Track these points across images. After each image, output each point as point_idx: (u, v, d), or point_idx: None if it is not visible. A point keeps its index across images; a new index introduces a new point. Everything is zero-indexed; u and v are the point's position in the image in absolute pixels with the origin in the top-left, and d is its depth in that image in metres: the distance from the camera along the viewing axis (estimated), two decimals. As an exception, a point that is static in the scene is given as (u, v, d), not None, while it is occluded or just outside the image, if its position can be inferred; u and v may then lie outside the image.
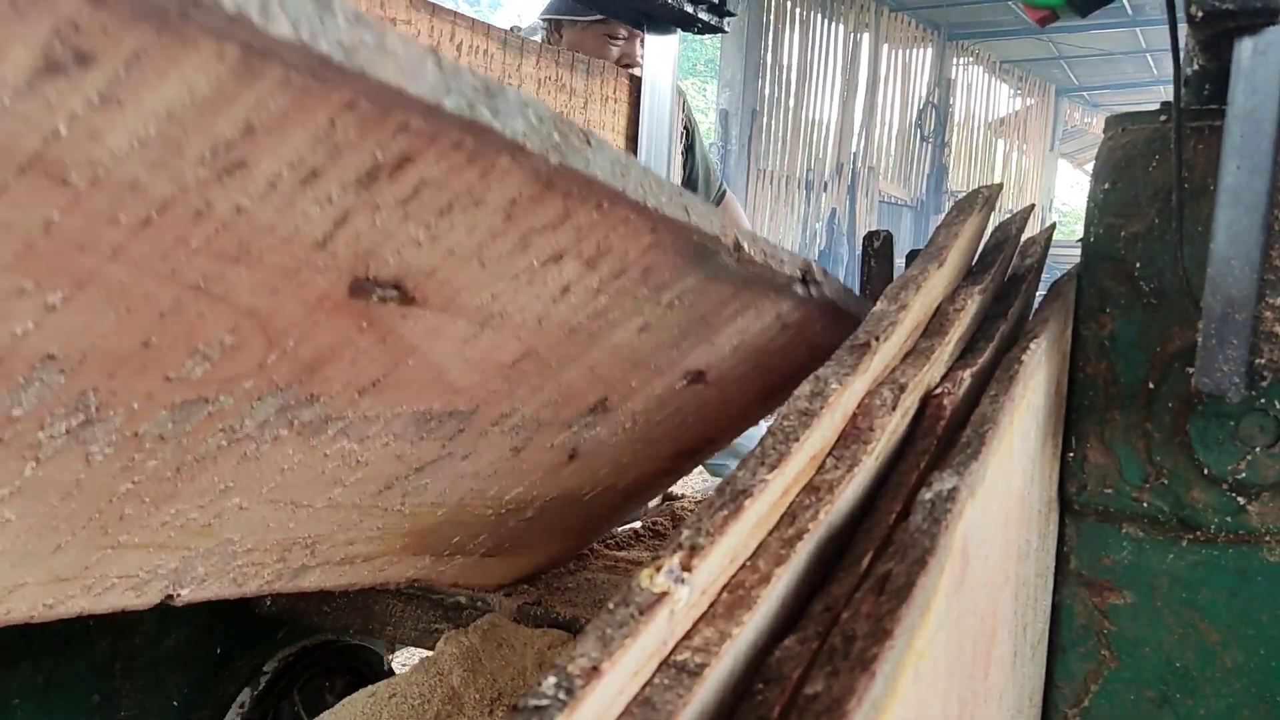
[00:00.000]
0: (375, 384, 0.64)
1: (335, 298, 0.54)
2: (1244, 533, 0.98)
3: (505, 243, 0.56)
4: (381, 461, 0.75)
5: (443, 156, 0.47)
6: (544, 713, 0.38)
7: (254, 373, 0.57)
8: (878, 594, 0.55)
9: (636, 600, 0.46)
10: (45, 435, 0.53)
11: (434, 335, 0.62)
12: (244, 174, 0.43)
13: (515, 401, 0.76)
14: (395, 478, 0.79)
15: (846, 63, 10.55)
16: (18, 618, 0.70)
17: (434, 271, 0.56)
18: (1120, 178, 1.02)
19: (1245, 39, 0.83)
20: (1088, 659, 1.06)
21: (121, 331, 0.48)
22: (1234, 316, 0.83)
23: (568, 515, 1.04)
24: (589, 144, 0.53)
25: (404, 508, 0.85)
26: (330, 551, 0.87)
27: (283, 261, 0.49)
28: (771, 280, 0.77)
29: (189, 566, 0.76)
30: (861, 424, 0.68)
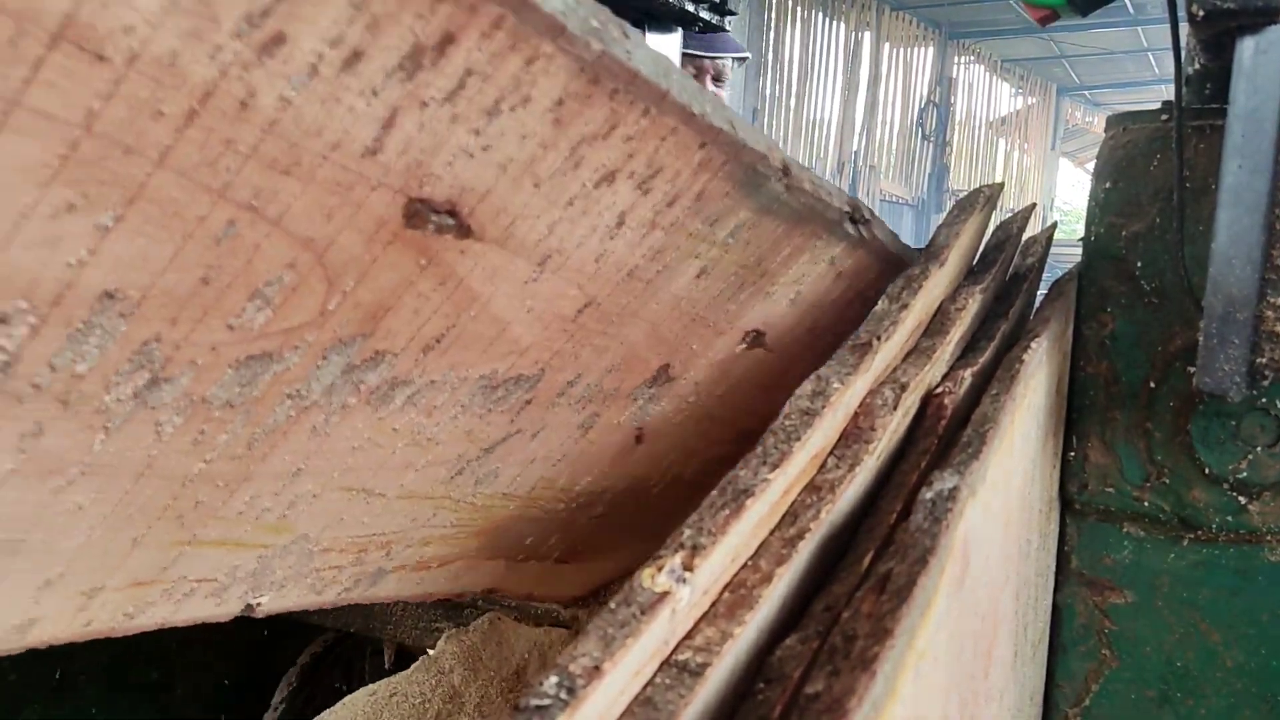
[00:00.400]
0: (439, 339, 0.63)
1: (392, 225, 0.53)
2: (1245, 532, 0.98)
3: (556, 156, 0.55)
4: (451, 439, 0.74)
5: (485, 38, 0.46)
6: (546, 712, 0.38)
7: (316, 321, 0.56)
8: (878, 593, 0.55)
9: (638, 600, 0.46)
10: (112, 399, 0.52)
11: (494, 278, 0.61)
12: (284, 53, 0.41)
13: (580, 366, 0.75)
14: (465, 460, 0.78)
15: (847, 61, 10.55)
16: (99, 629, 0.68)
17: (488, 193, 0.55)
18: (1121, 177, 1.02)
19: (1246, 38, 0.83)
20: (1088, 658, 1.06)
21: (179, 264, 0.47)
22: (1235, 315, 0.83)
23: (637, 513, 1.03)
24: (626, 35, 0.52)
25: (475, 498, 0.84)
26: (406, 553, 0.86)
27: (334, 175, 0.48)
28: (823, 215, 0.75)
29: (267, 568, 0.75)
30: (863, 423, 0.68)
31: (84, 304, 0.46)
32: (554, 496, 0.92)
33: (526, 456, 0.83)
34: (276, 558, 0.75)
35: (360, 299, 0.56)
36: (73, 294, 0.45)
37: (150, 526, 0.63)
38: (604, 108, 0.54)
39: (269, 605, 0.78)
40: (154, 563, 0.67)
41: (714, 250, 0.71)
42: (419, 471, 0.76)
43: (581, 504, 0.95)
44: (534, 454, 0.83)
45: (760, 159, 0.65)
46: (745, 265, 0.76)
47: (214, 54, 0.40)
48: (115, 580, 0.66)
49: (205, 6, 0.38)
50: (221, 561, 0.71)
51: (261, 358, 0.56)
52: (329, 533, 0.76)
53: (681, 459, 0.98)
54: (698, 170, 0.62)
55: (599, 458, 0.89)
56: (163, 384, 0.53)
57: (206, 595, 0.73)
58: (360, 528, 0.78)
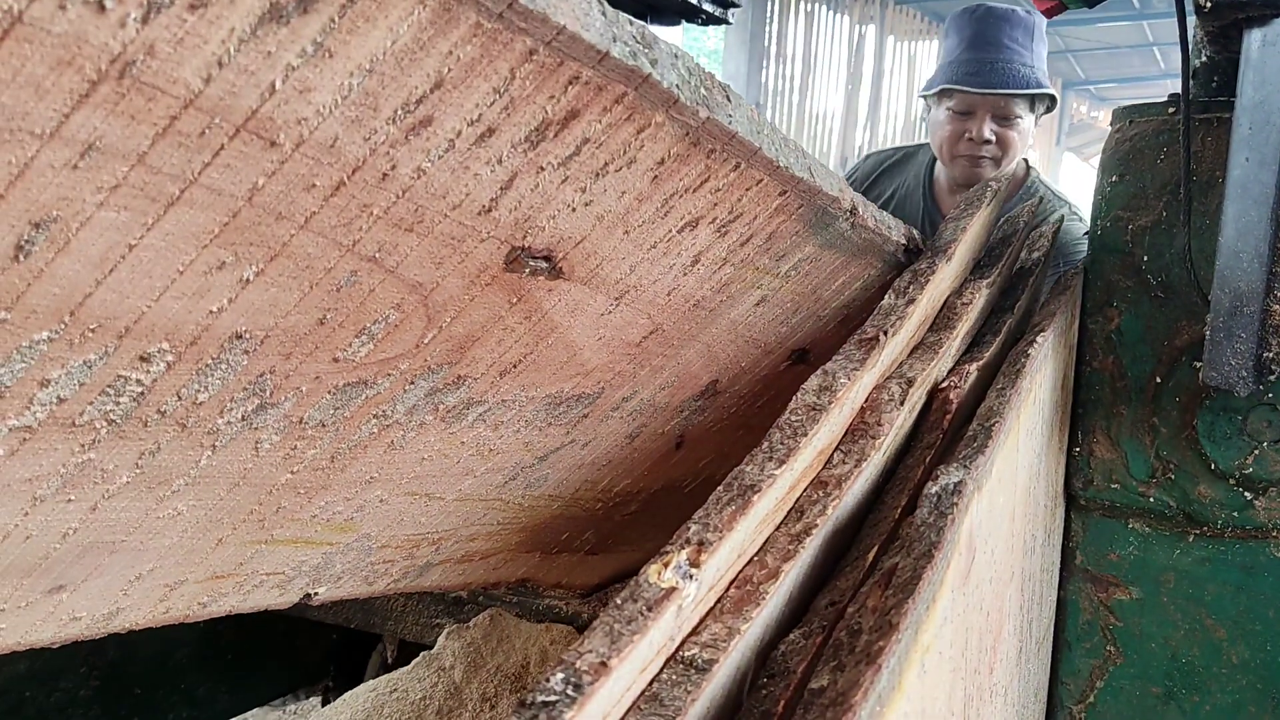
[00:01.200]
0: (517, 365, 0.67)
1: (492, 270, 0.56)
2: (1251, 528, 0.98)
3: (649, 207, 0.58)
4: (511, 449, 0.78)
5: (606, 111, 0.50)
6: (552, 709, 0.38)
7: (411, 353, 0.60)
8: (883, 588, 0.55)
9: (645, 596, 0.46)
10: (224, 421, 0.56)
11: (574, 311, 0.65)
12: (428, 132, 0.45)
13: (637, 384, 0.79)
14: (520, 467, 0.82)
15: (851, 55, 10.51)
16: (175, 616, 0.73)
17: (583, 240, 0.58)
18: (1128, 170, 1.02)
19: (1254, 30, 0.82)
20: (1093, 655, 1.05)
21: (303, 308, 0.51)
22: (1242, 310, 0.82)
23: (669, 509, 1.06)
24: (729, 99, 0.55)
25: (523, 500, 0.88)
26: (453, 548, 0.90)
27: (451, 230, 0.52)
28: (881, 248, 0.80)
29: (329, 563, 0.80)
30: (869, 418, 0.68)
31: (215, 343, 0.50)
32: (594, 497, 0.96)
33: (575, 463, 0.87)
34: (339, 554, 0.79)
35: (453, 332, 0.60)
36: (208, 336, 0.50)
37: (235, 529, 0.68)
38: (699, 164, 0.57)
39: (324, 595, 0.83)
40: (232, 559, 0.71)
41: (775, 281, 0.75)
42: (477, 478, 0.80)
43: (618, 503, 0.99)
44: (582, 460, 0.87)
45: (832, 202, 0.69)
46: (801, 293, 0.79)
47: (369, 136, 0.44)
48: (196, 574, 0.70)
49: (370, 98, 0.42)
50: (290, 557, 0.76)
51: (357, 385, 0.60)
52: (388, 532, 0.80)
53: (716, 461, 1.02)
54: (774, 214, 0.66)
55: (641, 462, 0.93)
56: (268, 409, 0.57)
57: (272, 587, 0.78)
58: (417, 527, 0.83)
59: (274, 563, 0.75)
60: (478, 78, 0.44)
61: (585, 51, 0.45)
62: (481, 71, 0.43)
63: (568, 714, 0.38)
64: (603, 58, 0.45)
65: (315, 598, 0.82)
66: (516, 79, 0.44)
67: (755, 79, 9.37)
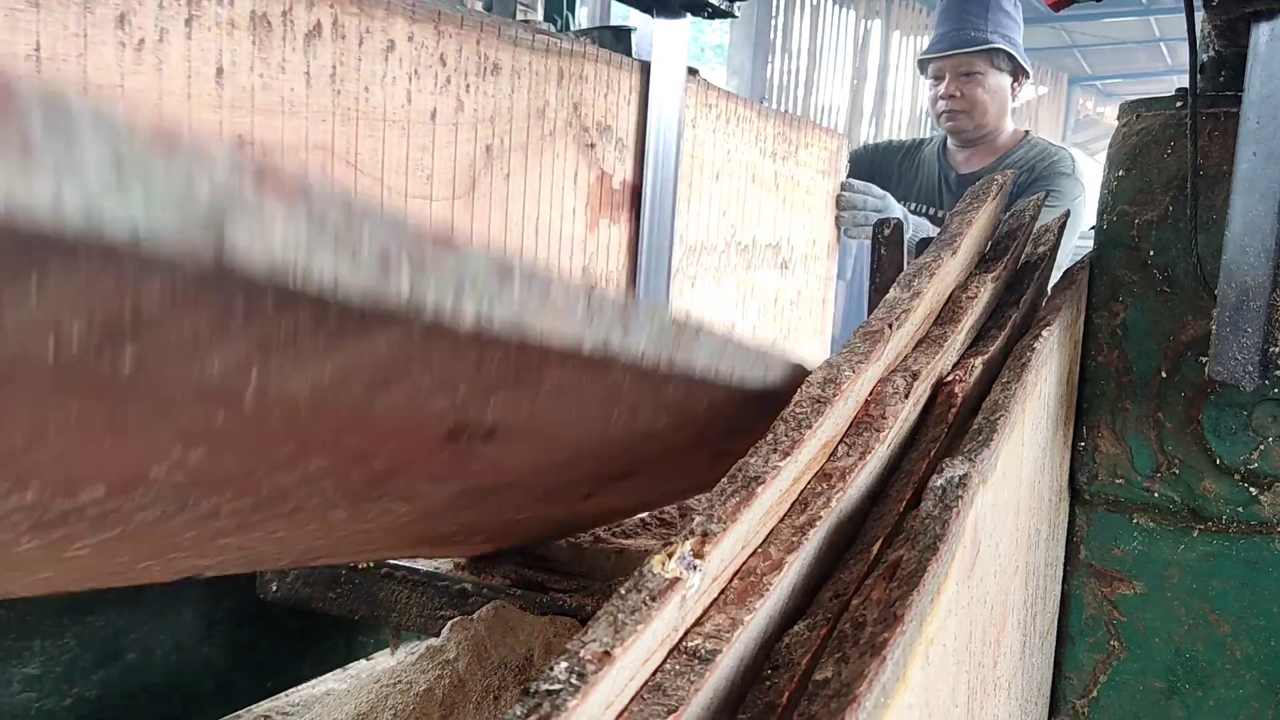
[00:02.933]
0: (439, 479, 0.67)
1: (431, 443, 0.56)
2: (1256, 523, 0.97)
3: (598, 389, 0.57)
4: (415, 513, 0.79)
5: (569, 371, 0.49)
6: (556, 697, 0.38)
7: (338, 483, 0.60)
8: (888, 580, 0.55)
9: (649, 586, 0.46)
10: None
11: (508, 454, 0.64)
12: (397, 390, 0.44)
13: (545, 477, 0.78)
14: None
15: (856, 50, 10.49)
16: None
17: (529, 420, 0.58)
18: (1134, 164, 1.02)
19: (1262, 24, 0.82)
20: (1097, 649, 1.05)
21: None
22: (1248, 304, 0.82)
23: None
24: (698, 336, 0.54)
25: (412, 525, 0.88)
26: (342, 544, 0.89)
27: (404, 440, 0.53)
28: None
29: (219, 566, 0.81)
30: (874, 411, 0.68)
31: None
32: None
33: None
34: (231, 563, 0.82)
35: (377, 468, 0.61)
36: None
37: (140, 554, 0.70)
38: (655, 380, 0.56)
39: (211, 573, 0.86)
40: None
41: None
42: (375, 529, 0.81)
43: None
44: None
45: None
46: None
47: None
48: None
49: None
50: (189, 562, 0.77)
51: (280, 498, 0.62)
52: (283, 548, 0.81)
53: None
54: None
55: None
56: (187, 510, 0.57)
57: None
58: (308, 544, 0.83)
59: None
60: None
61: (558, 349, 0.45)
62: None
63: (571, 702, 0.38)
64: (574, 349, 0.45)
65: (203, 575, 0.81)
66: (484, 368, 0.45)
67: (760, 73, 9.35)
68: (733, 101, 1.86)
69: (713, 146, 1.81)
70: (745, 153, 1.91)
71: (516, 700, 0.39)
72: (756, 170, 1.96)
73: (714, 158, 1.82)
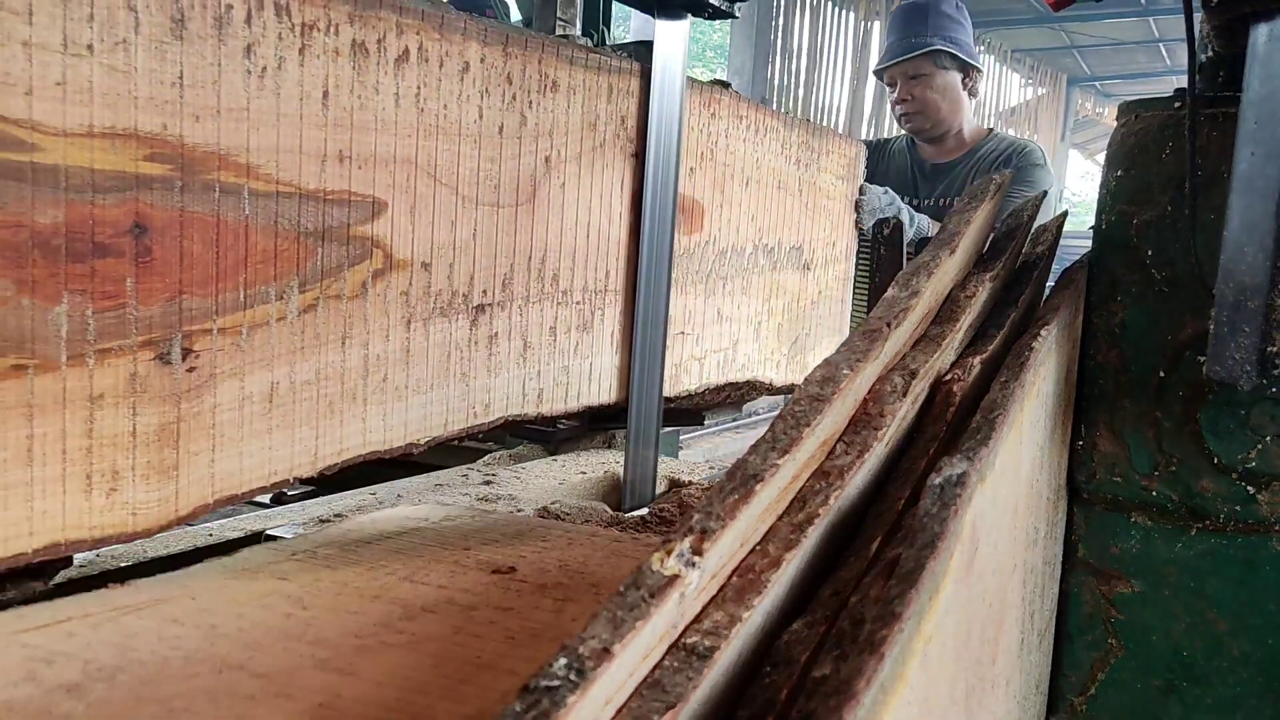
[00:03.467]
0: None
1: None
2: (1253, 522, 0.98)
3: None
4: None
5: None
6: (555, 693, 0.38)
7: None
8: (886, 578, 0.55)
9: (647, 583, 0.46)
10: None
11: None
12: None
13: None
14: None
15: (857, 50, 10.49)
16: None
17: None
18: (1133, 164, 1.02)
19: (1261, 25, 0.82)
20: (1095, 647, 1.06)
21: None
22: (1247, 304, 0.83)
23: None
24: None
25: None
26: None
27: None
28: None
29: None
30: (872, 410, 0.68)
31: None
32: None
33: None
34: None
35: None
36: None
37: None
38: None
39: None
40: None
41: None
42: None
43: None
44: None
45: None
46: None
47: None
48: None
49: None
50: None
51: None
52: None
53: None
54: None
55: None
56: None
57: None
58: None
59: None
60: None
61: None
62: None
63: (570, 698, 0.38)
64: None
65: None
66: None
67: (761, 74, 9.35)
68: (762, 113, 1.97)
69: (743, 155, 1.92)
70: (773, 160, 2.02)
71: (516, 696, 0.39)
72: (782, 177, 2.07)
73: (745, 166, 1.93)
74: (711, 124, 1.80)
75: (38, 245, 0.83)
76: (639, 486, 1.63)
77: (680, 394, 1.86)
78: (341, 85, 1.07)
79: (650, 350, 1.62)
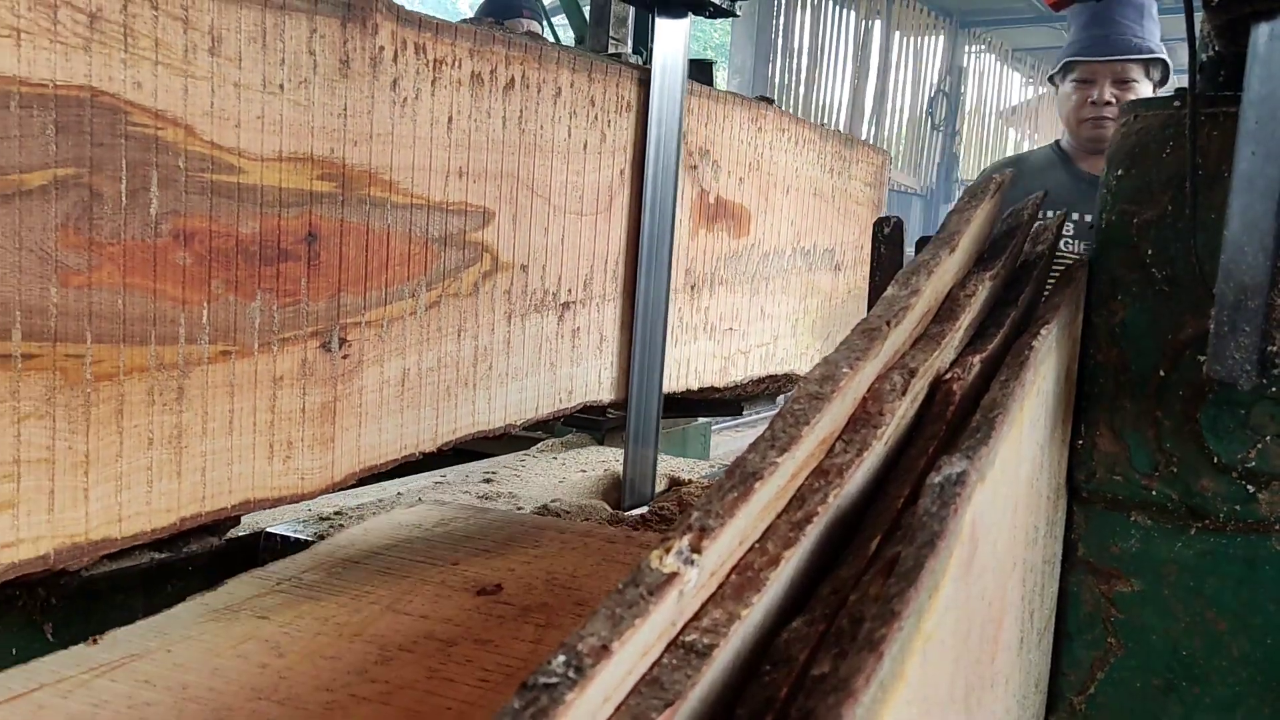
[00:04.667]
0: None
1: None
2: (1253, 521, 0.98)
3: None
4: None
5: None
6: (553, 690, 0.38)
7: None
8: (886, 576, 0.55)
9: (646, 581, 0.46)
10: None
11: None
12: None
13: None
14: None
15: (857, 49, 10.49)
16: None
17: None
18: (1134, 164, 1.02)
19: (1262, 24, 0.82)
20: (1094, 646, 1.06)
21: None
22: (1247, 303, 0.83)
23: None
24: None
25: None
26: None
27: None
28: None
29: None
30: (871, 408, 0.68)
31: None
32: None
33: None
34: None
35: None
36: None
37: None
38: None
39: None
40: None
41: None
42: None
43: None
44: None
45: None
46: None
47: None
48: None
49: None
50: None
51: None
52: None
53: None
54: None
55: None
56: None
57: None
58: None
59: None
60: None
61: None
62: None
63: (569, 695, 0.38)
64: None
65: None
66: None
67: (762, 72, 9.35)
68: (801, 125, 2.17)
69: (785, 165, 2.11)
70: (810, 169, 2.21)
71: (515, 694, 0.39)
72: (818, 184, 2.26)
73: (786, 175, 2.12)
74: (758, 137, 1.97)
75: (240, 251, 1.00)
76: (638, 485, 1.63)
77: (729, 385, 2.03)
78: (462, 111, 1.28)
79: (650, 348, 1.62)
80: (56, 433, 0.87)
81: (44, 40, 0.82)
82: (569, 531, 1.29)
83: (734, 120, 1.88)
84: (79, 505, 0.90)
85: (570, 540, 1.24)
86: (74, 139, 0.85)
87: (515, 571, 1.10)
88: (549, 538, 1.25)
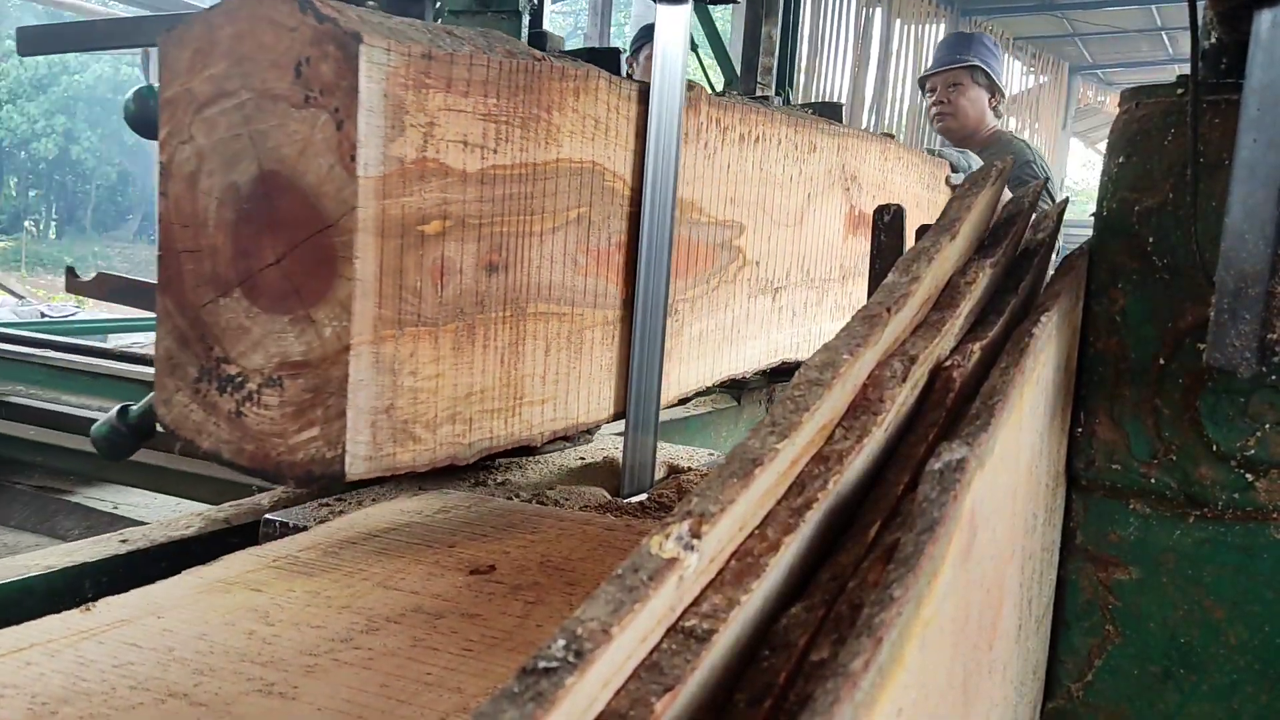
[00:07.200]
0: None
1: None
2: (1251, 509, 0.98)
3: None
4: None
5: None
6: (553, 675, 0.38)
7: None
8: (885, 563, 0.55)
9: (646, 566, 0.46)
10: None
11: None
12: None
13: None
14: None
15: (858, 37, 10.45)
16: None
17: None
18: (1135, 151, 1.02)
19: (1264, 11, 0.82)
20: (1092, 634, 1.06)
21: None
22: (1247, 291, 0.82)
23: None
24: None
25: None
26: None
27: None
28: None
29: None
30: (871, 395, 0.68)
31: None
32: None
33: None
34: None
35: None
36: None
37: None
38: None
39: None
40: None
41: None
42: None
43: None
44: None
45: None
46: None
47: None
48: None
49: None
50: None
51: None
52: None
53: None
54: None
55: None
56: None
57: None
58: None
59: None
60: None
61: None
62: None
63: (568, 680, 0.38)
64: None
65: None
66: None
67: (761, 60, 9.30)
68: (911, 153, 2.90)
69: (900, 184, 2.74)
70: (913, 186, 2.86)
71: (515, 678, 0.39)
72: (917, 198, 2.89)
73: (900, 192, 2.73)
74: (883, 164, 2.64)
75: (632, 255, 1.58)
76: (638, 472, 1.63)
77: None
78: (732, 158, 1.86)
79: (650, 336, 1.62)
80: (568, 358, 1.43)
81: (582, 139, 1.40)
82: (568, 519, 1.29)
83: (871, 152, 2.52)
84: (574, 403, 1.46)
85: (569, 527, 1.24)
86: (585, 190, 1.41)
87: (510, 554, 1.11)
88: (548, 524, 1.25)
